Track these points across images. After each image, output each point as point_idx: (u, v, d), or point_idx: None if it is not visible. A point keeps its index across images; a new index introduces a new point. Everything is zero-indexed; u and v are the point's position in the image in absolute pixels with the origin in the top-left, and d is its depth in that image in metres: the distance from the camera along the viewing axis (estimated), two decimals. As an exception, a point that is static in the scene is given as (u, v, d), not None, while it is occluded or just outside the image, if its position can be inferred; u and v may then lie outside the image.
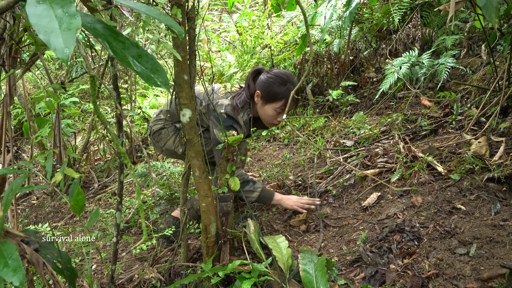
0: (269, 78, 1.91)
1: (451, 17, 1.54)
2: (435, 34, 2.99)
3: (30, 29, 1.21)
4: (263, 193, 1.95)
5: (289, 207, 1.97)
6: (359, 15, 3.39)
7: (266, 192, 1.97)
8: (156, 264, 1.76)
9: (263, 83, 1.92)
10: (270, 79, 1.91)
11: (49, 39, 0.51)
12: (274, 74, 1.93)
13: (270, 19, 4.41)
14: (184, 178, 1.49)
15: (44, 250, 1.12)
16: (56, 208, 2.98)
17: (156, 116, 2.16)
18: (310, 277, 1.30)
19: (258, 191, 1.94)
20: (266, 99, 1.92)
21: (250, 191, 1.93)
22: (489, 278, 1.16)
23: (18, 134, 4.30)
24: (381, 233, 1.56)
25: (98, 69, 3.16)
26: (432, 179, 1.78)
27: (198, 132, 1.35)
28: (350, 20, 2.11)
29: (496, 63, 2.33)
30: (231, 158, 1.50)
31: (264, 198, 1.96)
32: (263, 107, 1.95)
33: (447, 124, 2.25)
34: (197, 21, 1.41)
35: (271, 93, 1.90)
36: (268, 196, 1.97)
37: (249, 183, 1.94)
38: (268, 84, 1.91)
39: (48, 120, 2.59)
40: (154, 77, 0.69)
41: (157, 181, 2.58)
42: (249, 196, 1.94)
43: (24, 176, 1.16)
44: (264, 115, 1.98)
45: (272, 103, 1.92)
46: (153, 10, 0.73)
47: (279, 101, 1.91)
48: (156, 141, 2.13)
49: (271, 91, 1.90)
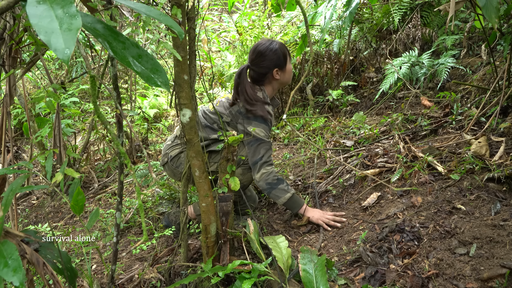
0: (269, 52, 1.95)
1: (451, 17, 1.54)
2: (435, 34, 2.99)
3: (30, 29, 1.21)
4: (294, 196, 1.90)
5: (310, 217, 1.90)
6: (359, 15, 3.39)
7: (298, 198, 1.92)
8: (156, 264, 1.76)
9: (271, 59, 1.95)
10: (270, 51, 1.95)
11: (49, 40, 0.51)
12: (264, 46, 1.96)
13: (270, 19, 4.42)
14: (184, 178, 1.49)
15: (44, 250, 1.12)
16: (56, 208, 2.98)
17: (171, 142, 2.11)
18: (310, 277, 1.30)
19: (291, 193, 1.89)
20: (283, 64, 1.98)
21: (284, 190, 1.88)
22: (489, 278, 1.16)
23: (18, 134, 4.30)
24: (381, 233, 1.56)
25: (98, 69, 3.16)
26: (432, 179, 1.78)
27: (197, 132, 1.35)
28: (350, 20, 2.11)
29: (496, 63, 2.33)
30: (231, 158, 1.50)
31: (294, 204, 1.91)
32: (285, 72, 2.02)
33: (447, 124, 2.25)
34: (197, 21, 1.41)
35: (282, 56, 1.97)
36: (299, 202, 1.92)
37: (283, 182, 1.90)
38: (272, 55, 1.95)
39: (48, 120, 2.59)
40: (154, 77, 0.69)
41: (157, 181, 2.58)
42: (280, 197, 1.89)
43: (24, 176, 1.16)
44: (288, 77, 2.05)
45: (287, 62, 2.01)
46: (153, 10, 0.73)
47: (287, 54, 2.01)
48: (175, 166, 2.05)
49: (280, 56, 1.96)
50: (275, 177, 1.89)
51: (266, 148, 1.91)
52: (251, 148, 1.91)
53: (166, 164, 2.10)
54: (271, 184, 1.88)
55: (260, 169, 1.89)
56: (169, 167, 2.08)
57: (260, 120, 1.92)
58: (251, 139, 1.91)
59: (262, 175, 1.89)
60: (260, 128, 1.91)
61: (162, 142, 3.98)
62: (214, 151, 2.01)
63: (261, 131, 1.91)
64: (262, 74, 1.98)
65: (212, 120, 2.01)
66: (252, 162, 1.92)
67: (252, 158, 1.92)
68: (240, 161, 1.98)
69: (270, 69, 1.97)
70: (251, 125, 1.91)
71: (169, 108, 4.56)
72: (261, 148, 1.91)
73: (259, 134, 1.90)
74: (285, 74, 2.02)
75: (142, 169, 2.80)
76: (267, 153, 1.92)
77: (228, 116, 1.98)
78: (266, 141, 1.92)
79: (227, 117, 1.99)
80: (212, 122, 2.01)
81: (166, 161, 2.09)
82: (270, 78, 2.00)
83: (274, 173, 1.90)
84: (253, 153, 1.91)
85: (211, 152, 2.01)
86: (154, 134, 4.18)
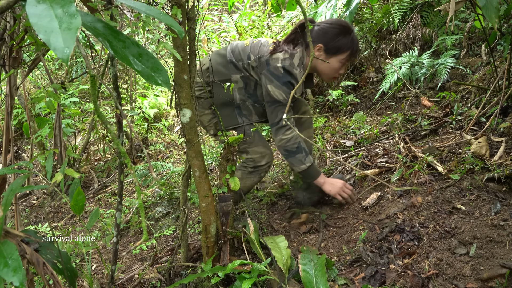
0: (332, 29, 1.77)
1: (451, 17, 1.54)
2: (435, 34, 2.99)
3: (30, 29, 1.21)
4: (310, 168, 1.83)
5: (328, 192, 1.85)
6: (359, 15, 3.39)
7: (314, 169, 1.85)
8: (156, 264, 1.76)
9: (326, 35, 1.77)
10: (334, 29, 1.77)
11: (49, 39, 0.51)
12: (335, 23, 1.79)
13: (270, 19, 4.41)
14: (184, 178, 1.49)
15: (44, 250, 1.12)
16: (56, 208, 2.98)
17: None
18: (309, 277, 1.30)
19: (307, 165, 1.81)
20: (331, 52, 1.79)
21: (300, 161, 1.81)
22: (489, 278, 1.16)
23: (18, 134, 4.30)
24: (381, 233, 1.56)
25: (98, 69, 3.16)
26: (432, 179, 1.78)
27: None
28: (350, 20, 2.11)
29: (496, 63, 2.33)
30: (231, 158, 1.50)
31: (310, 174, 1.85)
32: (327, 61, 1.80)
33: (447, 124, 2.25)
34: (197, 21, 1.41)
35: (338, 44, 1.77)
36: (314, 174, 1.85)
37: (303, 152, 1.81)
38: (333, 35, 1.76)
39: (48, 120, 2.59)
40: (154, 76, 0.69)
41: (157, 181, 2.58)
42: (295, 165, 1.83)
43: (24, 176, 1.16)
44: (327, 69, 1.84)
45: (338, 55, 1.79)
46: (153, 10, 0.73)
47: (345, 52, 1.79)
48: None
49: (337, 42, 1.76)
50: (295, 144, 1.79)
51: (283, 111, 1.78)
52: (269, 109, 1.82)
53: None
54: (289, 152, 1.81)
55: (278, 134, 1.80)
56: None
57: (282, 82, 1.76)
58: (268, 98, 1.79)
59: (281, 140, 1.80)
60: (279, 91, 1.76)
61: (162, 142, 3.98)
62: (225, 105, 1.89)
63: (280, 94, 1.76)
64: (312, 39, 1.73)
65: (239, 57, 1.87)
66: (270, 124, 1.85)
67: (270, 120, 1.84)
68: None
69: (316, 40, 1.78)
70: (271, 84, 1.76)
71: (169, 108, 4.56)
72: (279, 111, 1.79)
73: (277, 96, 1.77)
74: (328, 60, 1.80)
75: (142, 169, 2.80)
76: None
77: (255, 61, 1.83)
78: (284, 104, 1.78)
79: (254, 62, 1.83)
80: (239, 58, 1.87)
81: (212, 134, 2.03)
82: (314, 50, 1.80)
83: (294, 140, 1.79)
84: (270, 115, 1.82)
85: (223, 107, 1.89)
86: (154, 134, 4.18)
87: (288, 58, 1.76)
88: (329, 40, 1.77)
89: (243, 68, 1.86)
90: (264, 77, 1.79)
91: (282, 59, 1.76)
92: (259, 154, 1.92)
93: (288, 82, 1.75)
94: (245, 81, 1.88)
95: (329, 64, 1.81)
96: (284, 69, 1.74)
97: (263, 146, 1.93)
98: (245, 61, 1.85)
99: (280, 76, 1.75)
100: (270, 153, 1.94)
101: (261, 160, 1.92)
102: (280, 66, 1.75)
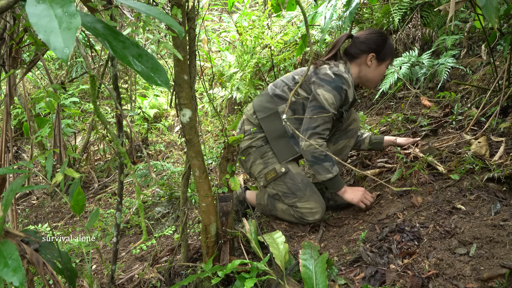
0: (377, 38, 1.85)
1: (451, 17, 1.54)
2: (435, 34, 2.99)
3: (30, 29, 1.21)
4: (336, 178, 1.80)
5: (350, 200, 1.83)
6: (359, 15, 3.39)
7: (339, 179, 1.82)
8: (156, 264, 1.76)
9: (374, 44, 1.85)
10: (379, 38, 1.85)
11: (48, 39, 0.51)
12: (376, 32, 1.87)
13: (270, 19, 4.41)
14: (184, 178, 1.49)
15: (44, 250, 1.12)
16: (56, 208, 2.98)
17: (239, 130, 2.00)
18: (309, 273, 1.29)
19: (333, 174, 1.78)
20: (381, 59, 1.87)
21: (327, 169, 1.77)
22: (489, 278, 1.16)
23: (18, 134, 4.30)
24: (381, 233, 1.56)
25: (98, 69, 3.16)
26: (432, 179, 1.78)
27: (197, 132, 1.35)
28: (350, 20, 2.11)
29: (496, 63, 2.33)
30: (231, 158, 1.50)
31: (333, 185, 1.82)
32: (378, 68, 1.89)
33: (447, 124, 2.25)
34: (197, 21, 1.41)
35: (385, 51, 1.86)
36: (338, 185, 1.82)
37: (330, 161, 1.77)
38: (380, 43, 1.85)
39: (48, 120, 2.59)
40: (154, 76, 0.69)
41: (157, 181, 2.58)
42: (321, 174, 1.79)
43: (24, 176, 1.16)
44: (376, 75, 1.92)
45: (386, 61, 1.90)
46: (153, 9, 0.73)
47: (390, 57, 1.90)
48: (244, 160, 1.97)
49: (385, 49, 1.86)
50: (323, 152, 1.75)
51: (325, 119, 1.76)
52: (309, 112, 1.78)
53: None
54: (316, 159, 1.77)
55: (309, 139, 1.76)
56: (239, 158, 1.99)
57: (333, 86, 1.74)
58: (314, 102, 1.77)
59: (310, 146, 1.75)
60: (330, 95, 1.74)
61: (162, 142, 3.98)
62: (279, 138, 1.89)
63: (330, 98, 1.74)
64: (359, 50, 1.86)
65: (283, 84, 1.90)
66: (304, 127, 1.80)
67: (306, 123, 1.79)
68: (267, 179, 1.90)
69: (368, 50, 1.85)
70: (322, 88, 1.75)
71: (169, 108, 4.56)
72: (320, 117, 1.76)
73: (326, 100, 1.74)
74: (376, 68, 1.88)
75: (142, 169, 2.80)
76: (324, 125, 1.77)
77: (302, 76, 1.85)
78: (329, 112, 1.76)
79: (300, 77, 1.87)
80: (282, 85, 1.90)
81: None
82: (362, 60, 1.87)
83: (324, 147, 1.77)
84: (309, 119, 1.78)
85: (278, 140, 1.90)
86: (154, 134, 4.18)
87: (335, 66, 1.81)
88: (379, 48, 1.85)
89: (289, 91, 1.88)
90: (314, 85, 1.79)
91: (329, 67, 1.80)
92: (309, 210, 1.85)
93: (339, 87, 1.75)
94: (293, 108, 1.89)
95: (378, 71, 1.90)
96: (335, 74, 1.77)
97: (315, 201, 1.85)
98: (290, 84, 1.90)
99: (331, 81, 1.75)
100: (322, 210, 1.86)
101: (309, 216, 1.85)
102: (329, 72, 1.77)
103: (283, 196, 1.89)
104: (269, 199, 1.99)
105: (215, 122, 4.21)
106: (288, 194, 1.88)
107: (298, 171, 1.90)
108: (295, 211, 1.88)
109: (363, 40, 1.86)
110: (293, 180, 1.87)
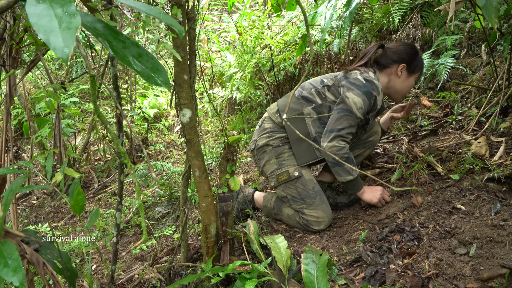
0: (409, 50, 1.86)
1: (451, 17, 1.54)
2: (435, 34, 2.99)
3: (30, 29, 1.21)
4: (356, 180, 1.79)
5: (368, 201, 1.82)
6: (359, 15, 3.39)
7: (359, 181, 1.82)
8: (156, 264, 1.76)
9: (406, 56, 1.86)
10: (411, 50, 1.86)
11: (48, 39, 0.51)
12: (408, 45, 1.88)
13: (270, 19, 4.41)
14: (184, 178, 1.49)
15: (44, 250, 1.12)
16: (56, 208, 2.98)
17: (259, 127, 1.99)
18: (311, 277, 1.30)
19: (354, 175, 1.77)
20: (411, 71, 1.88)
21: (348, 172, 1.76)
22: (489, 278, 1.16)
23: (18, 134, 4.30)
24: (381, 233, 1.56)
25: (98, 69, 3.16)
26: (432, 179, 1.78)
27: (198, 132, 1.35)
28: (350, 20, 2.11)
29: (496, 63, 2.33)
30: (231, 158, 1.50)
31: (353, 186, 1.81)
32: (407, 79, 1.89)
33: (447, 124, 2.25)
34: (197, 21, 1.41)
35: (416, 63, 1.87)
36: (357, 186, 1.81)
37: (352, 162, 1.77)
38: (412, 55, 1.86)
39: (48, 120, 2.59)
40: (154, 76, 0.69)
41: (157, 181, 2.58)
42: (341, 175, 1.78)
43: (24, 176, 1.16)
44: (405, 87, 1.92)
45: (416, 74, 1.90)
46: (153, 9, 0.73)
47: (420, 70, 1.91)
48: (258, 158, 1.96)
49: (416, 61, 1.87)
50: (346, 154, 1.75)
51: (351, 123, 1.76)
52: (336, 114, 1.77)
53: (253, 151, 2.00)
54: (338, 161, 1.76)
55: (333, 140, 1.75)
56: (254, 155, 1.99)
57: (363, 91, 1.74)
58: (342, 105, 1.76)
59: (333, 147, 1.74)
60: (359, 99, 1.74)
61: (162, 142, 3.98)
62: (301, 140, 1.88)
63: (359, 102, 1.74)
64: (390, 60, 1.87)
65: (310, 86, 1.91)
66: (328, 128, 1.78)
67: (331, 124, 1.77)
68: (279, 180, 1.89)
69: (399, 61, 1.86)
70: (351, 91, 1.75)
71: (169, 108, 4.56)
72: (346, 120, 1.75)
73: (355, 104, 1.74)
74: (405, 80, 1.89)
75: (142, 169, 2.80)
76: (348, 128, 1.76)
77: (331, 80, 1.87)
78: (356, 116, 1.75)
79: (329, 81, 1.87)
80: (310, 87, 1.90)
81: (253, 148, 1.99)
82: (392, 70, 1.88)
83: (346, 150, 1.76)
84: (334, 120, 1.76)
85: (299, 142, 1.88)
86: (154, 134, 4.18)
87: (365, 72, 1.81)
88: (411, 59, 1.86)
89: (316, 94, 1.87)
90: (343, 88, 1.80)
91: (360, 72, 1.80)
92: (315, 219, 1.83)
93: (370, 92, 1.75)
94: (318, 111, 1.88)
95: (408, 83, 1.90)
96: (366, 79, 1.77)
97: (322, 211, 1.83)
98: (318, 86, 1.89)
99: (361, 86, 1.75)
100: (328, 220, 1.84)
101: (315, 225, 1.83)
102: (360, 77, 1.77)
103: (291, 200, 1.88)
104: (276, 203, 1.98)
105: (215, 122, 4.21)
106: (297, 199, 1.86)
107: (311, 177, 1.89)
108: (301, 218, 1.86)
109: (395, 50, 1.87)
110: (305, 186, 1.86)
